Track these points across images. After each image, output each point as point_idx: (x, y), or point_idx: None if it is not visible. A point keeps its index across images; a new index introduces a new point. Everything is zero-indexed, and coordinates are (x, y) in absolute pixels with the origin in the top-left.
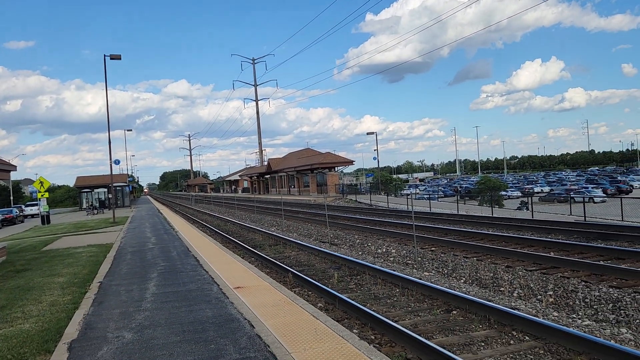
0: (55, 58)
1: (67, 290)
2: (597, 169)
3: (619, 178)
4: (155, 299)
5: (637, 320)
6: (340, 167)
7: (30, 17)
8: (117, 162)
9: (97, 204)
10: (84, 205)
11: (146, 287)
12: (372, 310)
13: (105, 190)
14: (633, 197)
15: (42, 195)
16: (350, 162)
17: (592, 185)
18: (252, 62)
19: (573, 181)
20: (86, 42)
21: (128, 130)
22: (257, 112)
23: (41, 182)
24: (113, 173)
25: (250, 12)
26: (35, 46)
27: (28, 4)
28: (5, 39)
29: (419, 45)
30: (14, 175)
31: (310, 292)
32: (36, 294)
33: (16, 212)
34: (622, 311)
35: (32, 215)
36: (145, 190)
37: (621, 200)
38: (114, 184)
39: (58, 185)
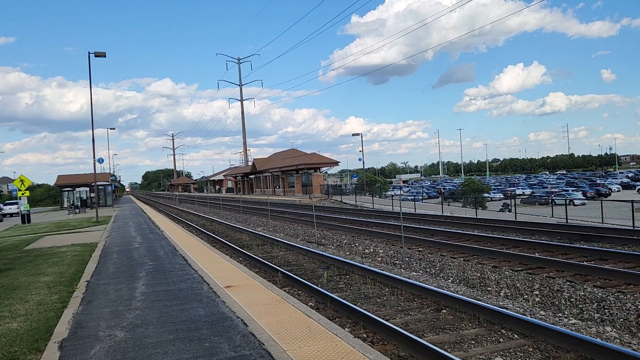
0: (36, 55)
1: (54, 289)
2: (577, 173)
3: (598, 181)
4: (146, 298)
5: (621, 319)
6: (325, 168)
7: (10, 13)
8: (101, 160)
9: (79, 203)
10: (65, 205)
11: (135, 286)
12: (363, 309)
13: (87, 189)
14: (612, 200)
15: (22, 194)
16: (336, 163)
17: (573, 188)
18: (237, 61)
19: (554, 184)
20: (69, 39)
21: (111, 129)
22: (242, 112)
23: (22, 181)
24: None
25: (236, 12)
26: (16, 42)
27: None
28: None
29: (404, 48)
30: None
31: (300, 292)
32: (22, 293)
33: None
34: (606, 310)
35: (12, 214)
36: (128, 189)
37: (601, 202)
38: (97, 183)
39: (38, 184)
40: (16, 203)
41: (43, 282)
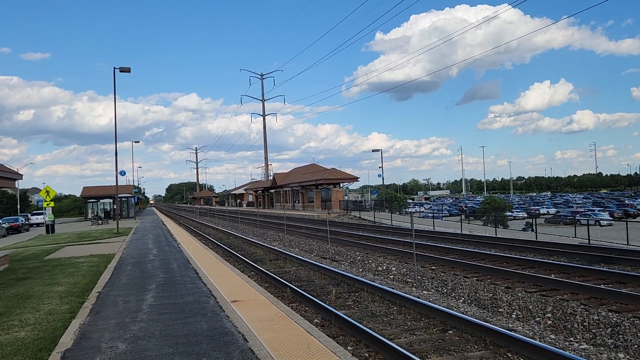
0: (69, 69)
1: (65, 299)
2: (605, 192)
3: (626, 201)
4: (152, 310)
5: (635, 345)
6: (345, 184)
7: (47, 30)
8: (123, 173)
9: (102, 214)
10: (89, 215)
11: (144, 298)
12: (368, 328)
13: (111, 200)
14: (638, 221)
15: (47, 205)
16: (355, 179)
17: (599, 208)
18: (260, 77)
19: (580, 203)
20: (101, 55)
21: (135, 142)
22: (264, 127)
23: (47, 191)
24: (119, 184)
25: (261, 28)
26: (51, 57)
27: (45, 16)
28: (22, 50)
29: (428, 64)
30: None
31: (307, 308)
32: (35, 303)
33: (21, 220)
34: (620, 336)
35: (38, 224)
36: (151, 201)
37: (627, 223)
38: (119, 195)
39: (65, 195)
40: (42, 213)
41: (56, 291)
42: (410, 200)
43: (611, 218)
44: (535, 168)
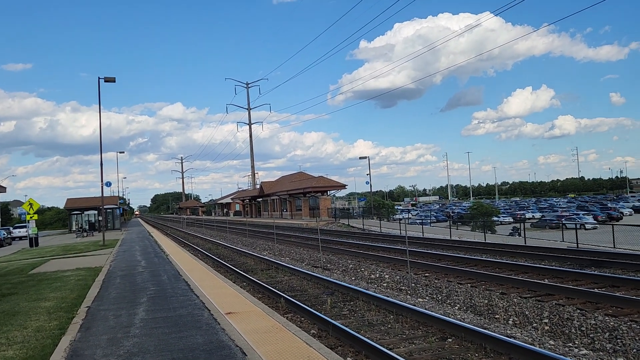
0: (52, 80)
1: (54, 315)
2: (588, 196)
3: (609, 205)
4: (145, 325)
5: (635, 350)
6: (333, 191)
7: (29, 40)
8: (109, 184)
9: (87, 227)
10: (74, 228)
11: (135, 312)
12: (367, 337)
13: (96, 212)
14: (624, 224)
15: (31, 217)
16: (343, 186)
17: (583, 212)
18: (245, 86)
19: (564, 207)
20: (84, 65)
21: (120, 153)
22: (250, 136)
23: (30, 204)
24: (104, 195)
25: (246, 37)
26: (33, 68)
27: (27, 27)
28: (3, 61)
29: (412, 72)
30: (3, 197)
31: (303, 318)
32: (21, 319)
33: (3, 234)
34: (619, 340)
35: (21, 238)
36: (137, 212)
37: (613, 227)
38: (105, 206)
39: (48, 207)
40: (25, 226)
41: (44, 307)
42: (399, 207)
43: (595, 222)
44: (519, 173)
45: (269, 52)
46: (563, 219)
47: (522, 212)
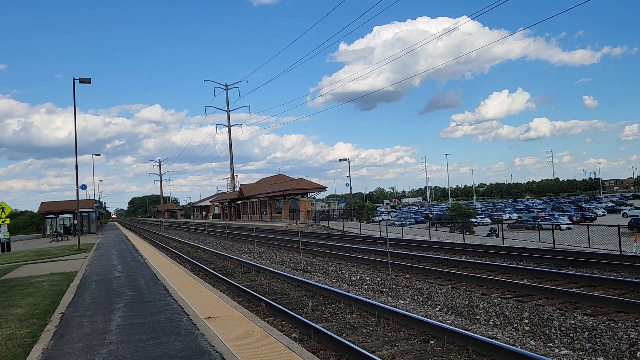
0: (26, 82)
1: (25, 322)
2: (563, 197)
3: (583, 206)
4: (121, 331)
5: (613, 349)
6: (313, 193)
7: (2, 40)
8: (84, 187)
9: (62, 231)
10: (48, 232)
11: (112, 319)
12: (348, 341)
13: (71, 216)
14: (598, 224)
15: (2, 221)
16: (323, 189)
17: (559, 213)
18: (225, 88)
19: (540, 209)
20: (59, 66)
21: (96, 155)
22: (230, 138)
23: (2, 208)
24: (79, 198)
25: (225, 39)
26: (7, 69)
27: (1, 27)
28: None
29: (391, 75)
30: None
31: (284, 322)
32: None
33: None
34: (598, 339)
35: None
36: (113, 215)
37: (588, 227)
38: (80, 210)
39: (21, 211)
40: None
41: (15, 314)
42: (382, 209)
43: (570, 222)
44: (495, 175)
45: (249, 54)
46: (539, 220)
47: (500, 213)
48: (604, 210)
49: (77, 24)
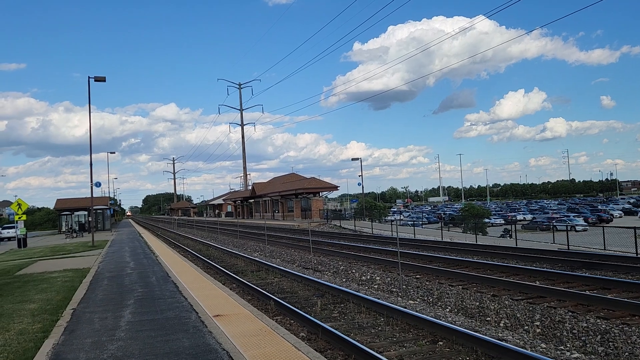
0: (46, 80)
1: (38, 317)
2: (578, 199)
3: (599, 207)
4: (131, 328)
5: (627, 353)
6: (325, 193)
7: (23, 40)
8: (98, 184)
9: (77, 227)
10: (63, 228)
11: (122, 315)
12: (356, 340)
13: (86, 213)
14: (614, 226)
15: (19, 218)
16: (335, 188)
17: (574, 214)
18: (238, 87)
19: (555, 210)
20: (77, 65)
21: (111, 153)
22: (243, 137)
23: (19, 204)
24: (94, 196)
25: (240, 38)
26: (27, 68)
27: (22, 26)
28: None
29: (405, 74)
30: None
31: (292, 321)
32: (4, 322)
33: None
34: (610, 343)
35: (9, 238)
36: (128, 213)
37: (603, 229)
38: (95, 207)
39: (38, 208)
40: (14, 227)
41: (28, 309)
42: (396, 208)
43: (586, 223)
44: (510, 175)
45: (263, 53)
46: (554, 221)
47: (513, 213)
48: (621, 212)
49: (96, 24)
